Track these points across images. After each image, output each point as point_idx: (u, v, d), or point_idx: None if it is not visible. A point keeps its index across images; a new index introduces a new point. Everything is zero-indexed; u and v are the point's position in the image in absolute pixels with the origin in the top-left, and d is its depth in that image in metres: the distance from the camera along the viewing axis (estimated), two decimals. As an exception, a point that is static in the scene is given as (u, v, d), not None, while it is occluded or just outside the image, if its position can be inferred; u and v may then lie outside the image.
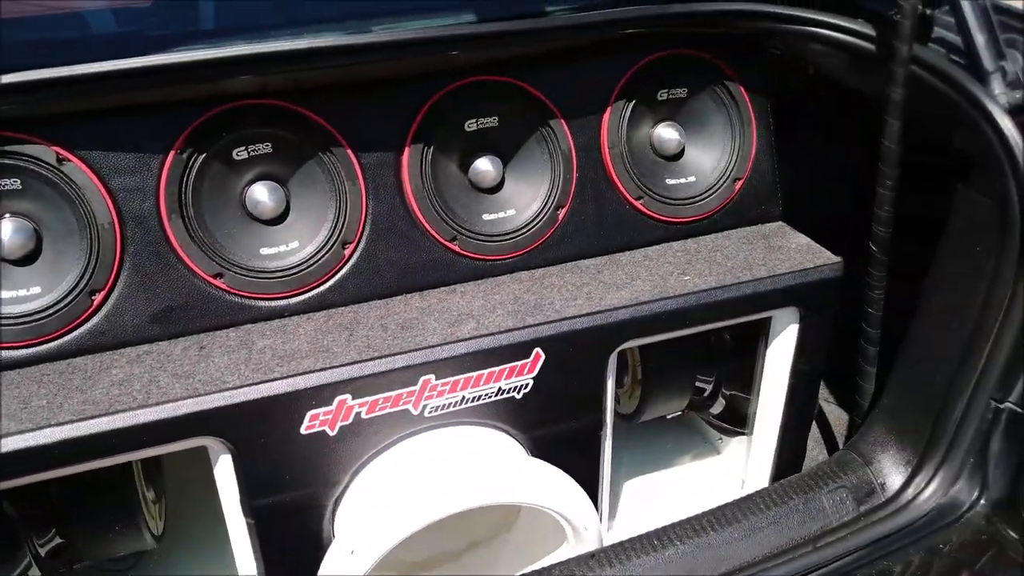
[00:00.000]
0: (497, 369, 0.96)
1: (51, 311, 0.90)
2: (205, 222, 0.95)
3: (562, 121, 1.06)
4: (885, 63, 0.94)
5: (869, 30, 0.99)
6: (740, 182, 1.16)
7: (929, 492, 0.93)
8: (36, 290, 0.90)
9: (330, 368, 0.89)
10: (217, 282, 0.96)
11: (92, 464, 0.85)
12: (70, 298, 0.90)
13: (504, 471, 0.92)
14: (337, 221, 0.99)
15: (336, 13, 0.95)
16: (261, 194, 0.96)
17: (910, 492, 0.94)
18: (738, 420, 1.29)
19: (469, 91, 1.02)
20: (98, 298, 0.92)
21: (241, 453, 0.89)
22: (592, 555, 0.89)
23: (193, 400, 0.85)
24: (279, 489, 0.93)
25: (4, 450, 0.79)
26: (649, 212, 1.12)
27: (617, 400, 1.31)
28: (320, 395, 0.89)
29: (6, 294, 0.89)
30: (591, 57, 1.06)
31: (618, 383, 1.29)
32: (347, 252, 1.00)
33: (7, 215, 0.89)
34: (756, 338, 1.17)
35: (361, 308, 1.01)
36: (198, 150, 0.93)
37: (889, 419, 1.02)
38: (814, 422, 1.33)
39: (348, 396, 0.90)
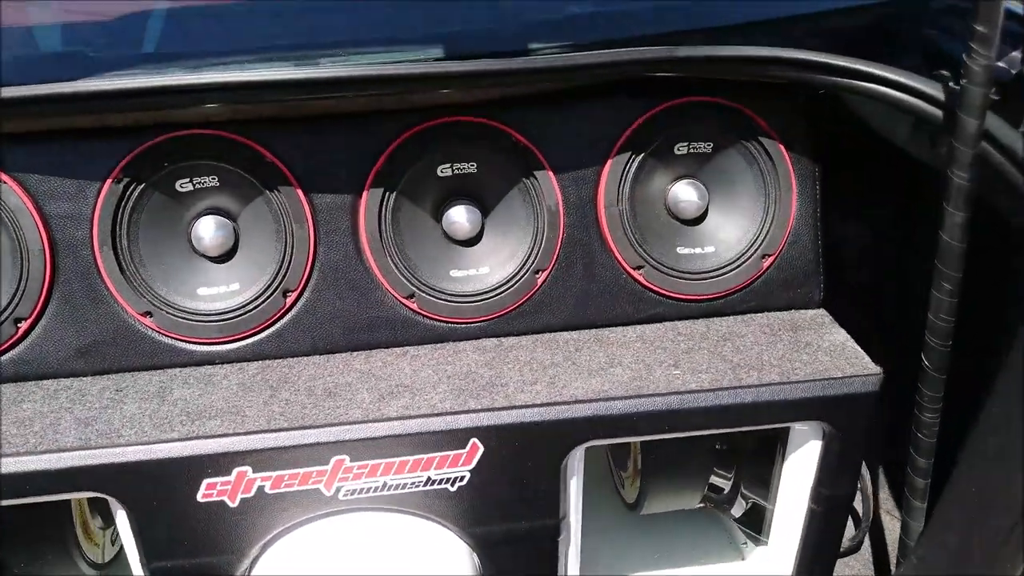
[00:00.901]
0: (425, 457, 0.83)
1: (-28, 337, 0.87)
2: (140, 256, 0.88)
3: (549, 172, 0.91)
4: (950, 137, 0.73)
5: (937, 92, 0.77)
6: (770, 259, 0.96)
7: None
8: (-38, 315, 0.87)
9: (230, 436, 0.80)
10: (146, 320, 0.89)
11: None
12: None
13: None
14: (281, 266, 0.90)
15: (293, 42, 0.85)
16: (207, 229, 0.89)
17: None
18: (757, 526, 1.10)
19: (443, 132, 0.90)
20: (24, 326, 0.87)
21: (136, 511, 0.82)
22: None
23: (82, 453, 0.79)
24: (177, 555, 0.85)
25: None
26: (649, 284, 0.95)
27: (621, 486, 1.15)
28: (217, 464, 0.80)
29: (-64, 313, 0.87)
30: (591, 100, 0.91)
31: (621, 467, 1.13)
32: (288, 301, 0.91)
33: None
34: (775, 442, 0.97)
35: (298, 363, 0.91)
36: (137, 179, 0.86)
37: (937, 559, 0.80)
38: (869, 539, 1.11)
39: (248, 468, 0.81)
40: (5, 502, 0.80)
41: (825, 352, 0.90)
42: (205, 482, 0.81)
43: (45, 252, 0.86)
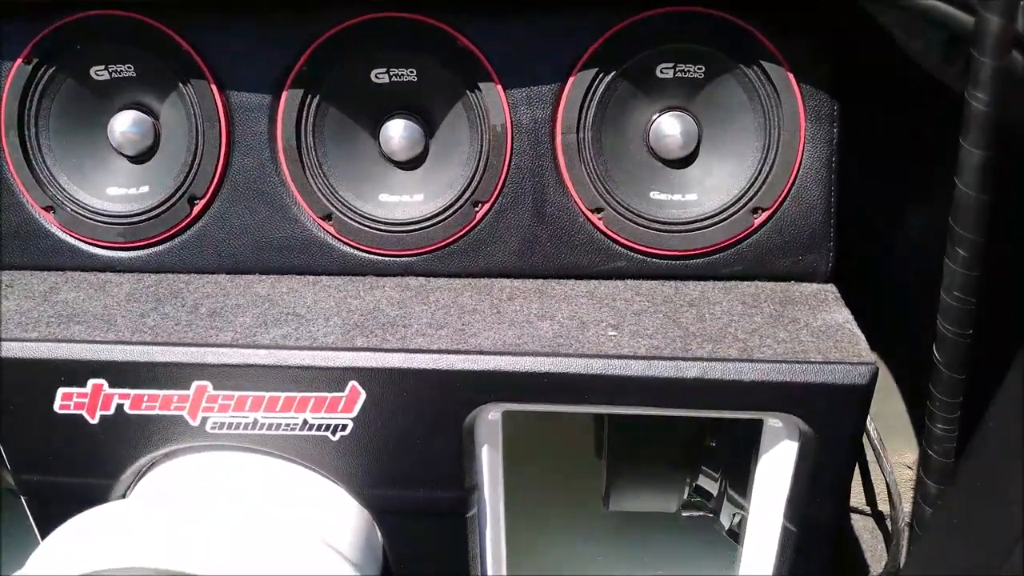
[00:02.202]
0: (300, 396, 0.71)
1: None
2: (49, 145, 0.82)
3: (497, 85, 0.77)
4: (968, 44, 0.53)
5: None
6: (765, 214, 0.78)
7: None
8: None
9: (84, 343, 0.72)
10: (48, 215, 0.82)
11: None
12: None
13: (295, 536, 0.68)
14: (190, 170, 0.81)
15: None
16: (123, 123, 0.81)
17: None
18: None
19: (377, 29, 0.77)
20: None
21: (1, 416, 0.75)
22: None
23: None
24: (46, 470, 0.78)
25: None
26: (610, 231, 0.79)
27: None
28: (71, 371, 0.72)
29: None
30: (556, 3, 0.76)
31: (599, 454, 0.97)
32: (195, 209, 0.82)
33: None
34: (752, 441, 0.79)
35: (197, 279, 0.82)
36: (48, 61, 0.80)
37: None
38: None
39: (104, 383, 0.72)
40: None
41: (811, 332, 0.71)
42: (61, 391, 0.73)
43: None
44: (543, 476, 1.10)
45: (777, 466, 0.74)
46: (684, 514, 0.97)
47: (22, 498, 0.81)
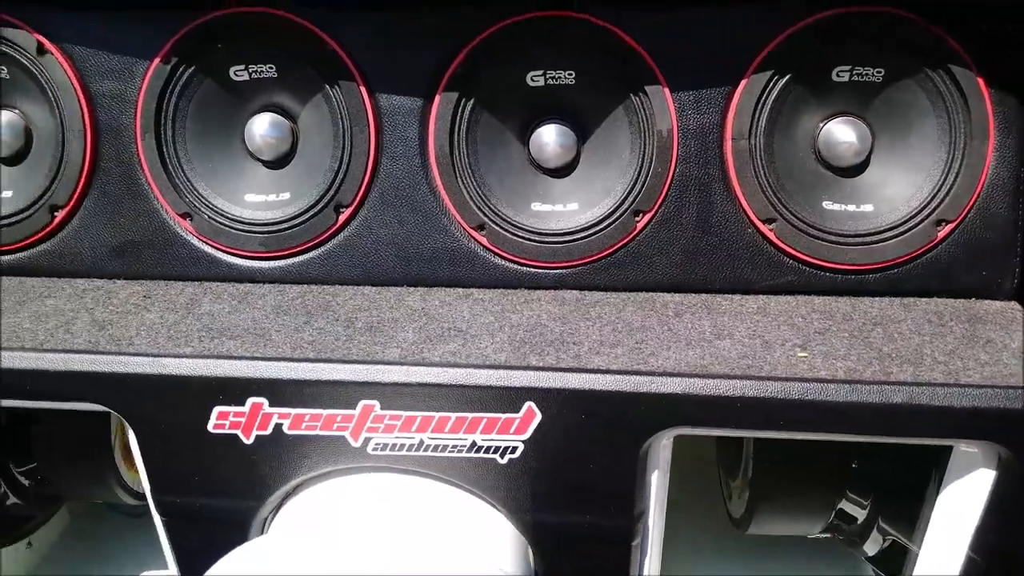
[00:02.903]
0: (471, 417, 0.68)
1: (17, 219, 0.80)
2: (185, 149, 0.78)
3: (664, 88, 0.73)
4: None
5: None
6: (949, 227, 0.74)
7: None
8: (9, 193, 0.81)
9: (246, 359, 0.68)
10: (185, 223, 0.79)
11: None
12: (31, 211, 0.79)
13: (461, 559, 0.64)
14: (336, 177, 0.77)
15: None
16: (261, 126, 0.78)
17: None
18: (897, 568, 0.87)
19: (535, 30, 0.74)
20: (60, 215, 0.79)
21: (144, 434, 0.72)
22: None
23: (87, 357, 0.69)
24: (188, 491, 0.74)
25: None
26: (783, 244, 0.75)
27: (729, 497, 0.96)
28: (229, 389, 0.68)
29: (-20, 193, 0.81)
30: (727, 2, 0.72)
31: (731, 474, 0.94)
32: (341, 218, 0.78)
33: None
34: (930, 466, 0.75)
35: (344, 291, 0.78)
36: (187, 62, 0.76)
37: None
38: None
39: (264, 401, 0.69)
40: (37, 405, 0.72)
41: (1012, 354, 0.67)
42: (217, 409, 0.69)
43: (87, 134, 0.78)
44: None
45: (967, 494, 0.71)
46: (817, 535, 0.93)
47: (158, 519, 0.77)
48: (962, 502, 0.71)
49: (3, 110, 0.80)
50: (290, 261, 0.79)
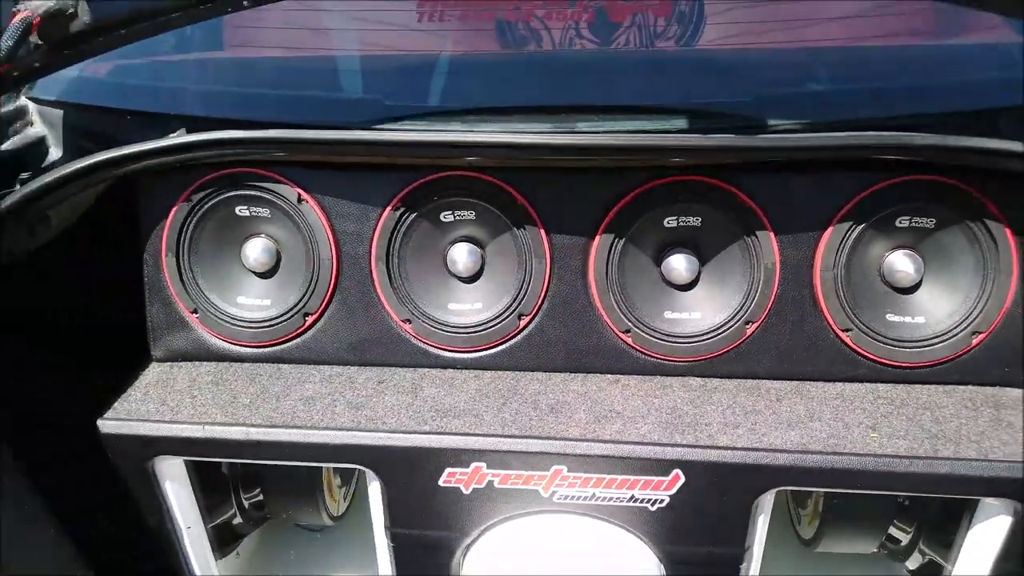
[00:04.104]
0: (632, 479, 0.95)
1: (275, 322, 1.07)
2: (406, 272, 1.05)
3: (771, 233, 0.99)
4: None
5: None
6: (981, 336, 0.99)
7: None
8: (266, 302, 1.08)
9: (472, 435, 0.95)
10: (406, 327, 1.06)
11: (266, 461, 1.01)
12: (290, 315, 1.07)
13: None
14: (519, 293, 1.04)
15: (551, 107, 0.98)
16: (460, 254, 1.04)
17: None
18: (935, 583, 1.13)
19: (674, 188, 0.99)
20: (309, 320, 1.07)
21: (389, 486, 0.99)
22: None
23: (355, 433, 0.97)
24: (415, 524, 1.02)
25: (205, 436, 0.97)
26: (856, 347, 1.01)
27: (797, 522, 1.22)
28: (459, 457, 0.96)
29: (245, 300, 1.08)
30: (820, 170, 0.97)
31: (800, 504, 1.20)
32: (522, 323, 1.05)
33: (259, 236, 1.07)
34: (964, 507, 1.01)
35: (524, 377, 1.05)
36: (410, 209, 1.03)
37: None
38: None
39: (483, 464, 0.96)
40: (272, 463, 0.99)
41: (1027, 435, 0.93)
42: (447, 470, 0.97)
43: (333, 262, 1.05)
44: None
45: (989, 533, 0.96)
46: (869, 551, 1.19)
47: (387, 546, 1.05)
48: (986, 538, 0.97)
49: (261, 238, 1.07)
50: (483, 354, 1.06)
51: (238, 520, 1.22)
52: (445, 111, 1.01)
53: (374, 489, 1.02)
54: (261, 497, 1.21)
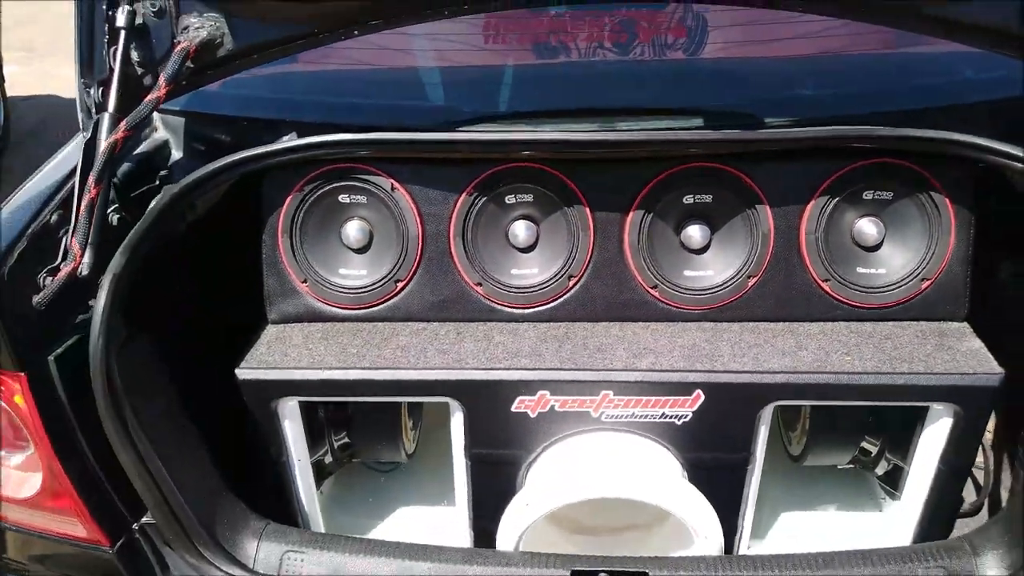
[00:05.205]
0: (663, 399, 1.22)
1: (370, 288, 1.33)
2: (477, 244, 1.31)
3: (767, 207, 1.27)
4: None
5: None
6: (928, 282, 1.28)
7: (1022, 596, 1.04)
8: (363, 272, 1.34)
9: (538, 369, 1.22)
10: (478, 289, 1.33)
11: (374, 399, 1.27)
12: (383, 282, 1.33)
13: (651, 479, 1.19)
14: (569, 259, 1.31)
15: (596, 109, 1.25)
16: (520, 229, 1.31)
17: (1004, 590, 1.06)
18: (896, 484, 1.42)
19: (692, 173, 1.27)
20: (400, 285, 1.33)
21: (470, 413, 1.26)
22: (701, 559, 1.14)
23: (446, 371, 1.23)
24: (490, 445, 1.29)
25: (325, 378, 1.23)
26: (833, 293, 1.29)
27: (788, 442, 1.50)
28: (528, 387, 1.23)
29: (345, 271, 1.34)
30: (804, 157, 1.25)
31: (790, 427, 1.48)
32: (571, 283, 1.32)
33: (356, 218, 1.33)
34: (918, 418, 1.29)
35: (572, 327, 1.32)
36: (481, 194, 1.29)
37: (1008, 522, 1.12)
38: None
39: (547, 392, 1.23)
40: (363, 400, 1.24)
41: (963, 354, 1.21)
42: (519, 398, 1.24)
43: (419, 238, 1.31)
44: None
45: (936, 434, 1.25)
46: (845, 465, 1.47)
47: (467, 464, 1.31)
48: (934, 438, 1.26)
49: (357, 220, 1.33)
50: (540, 309, 1.33)
51: (329, 459, 1.47)
52: (510, 114, 1.27)
53: (457, 419, 1.28)
54: (347, 440, 1.47)
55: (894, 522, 1.44)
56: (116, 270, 1.05)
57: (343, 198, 1.31)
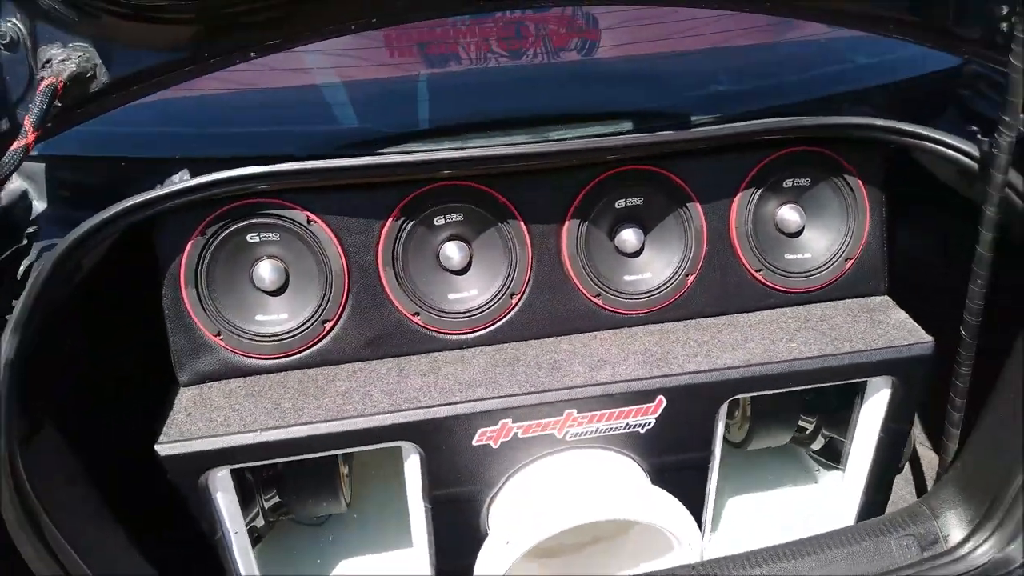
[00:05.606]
0: (626, 408, 1.19)
1: (294, 332, 1.20)
2: (409, 272, 1.22)
3: (698, 204, 1.27)
4: (982, 182, 1.09)
5: (972, 150, 1.13)
6: (851, 261, 1.33)
7: (986, 548, 1.10)
8: (283, 316, 1.21)
9: (499, 397, 1.15)
10: (415, 319, 1.23)
11: (319, 454, 1.15)
12: (308, 325, 1.20)
13: (631, 493, 1.16)
14: (508, 277, 1.24)
15: (522, 118, 1.19)
16: (452, 251, 1.23)
17: (969, 546, 1.11)
18: (834, 457, 1.48)
19: (622, 177, 1.24)
20: (328, 326, 1.21)
21: (428, 455, 1.17)
22: (691, 567, 1.12)
23: (398, 414, 1.13)
24: (451, 484, 1.20)
25: (263, 440, 1.10)
26: (766, 282, 1.31)
27: (728, 430, 1.51)
28: (489, 417, 1.16)
29: (263, 317, 1.20)
30: (726, 152, 1.26)
31: (729, 415, 1.50)
32: (514, 301, 1.26)
33: (266, 258, 1.19)
34: (854, 392, 1.34)
35: (521, 346, 1.26)
36: (408, 217, 1.20)
37: (961, 480, 1.19)
38: (909, 465, 1.50)
39: (509, 420, 1.16)
40: (291, 459, 1.13)
41: (894, 327, 1.27)
42: (480, 431, 1.16)
43: (344, 272, 1.20)
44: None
45: (875, 405, 1.31)
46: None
47: (425, 508, 1.22)
48: (874, 409, 1.31)
49: (269, 260, 1.19)
50: (483, 332, 1.26)
51: (260, 522, 1.33)
52: (432, 130, 1.19)
53: (412, 462, 1.19)
54: (278, 499, 1.33)
55: (831, 491, 1.49)
56: (9, 355, 0.87)
57: (252, 237, 1.17)
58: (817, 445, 1.50)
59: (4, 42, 0.95)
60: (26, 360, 0.90)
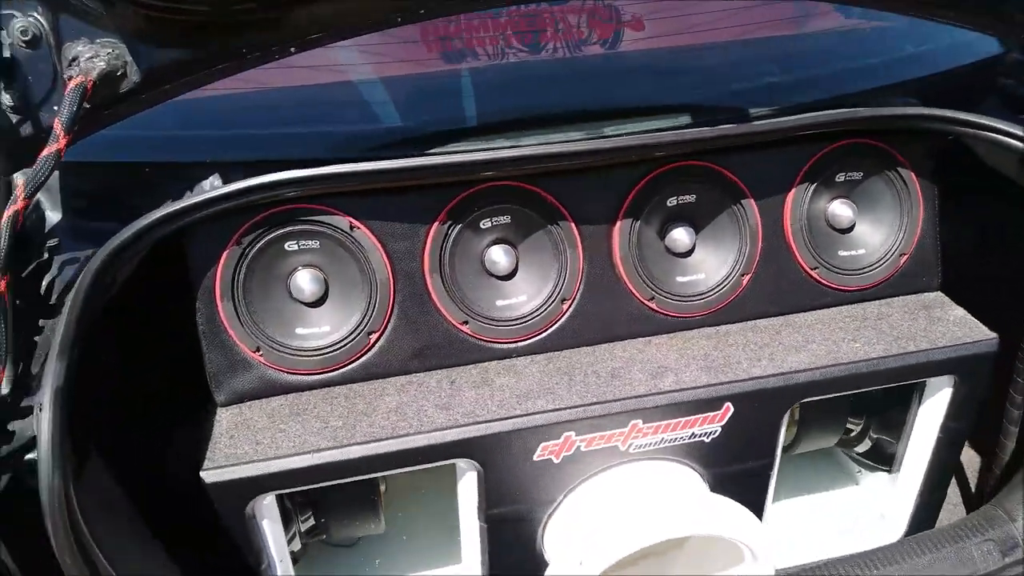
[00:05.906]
0: (692, 417, 1.13)
1: (339, 345, 1.12)
2: (456, 279, 1.15)
3: (752, 200, 1.22)
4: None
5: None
6: (905, 256, 1.29)
7: (1069, 551, 1.07)
8: (325, 328, 1.13)
9: (561, 410, 1.09)
10: (464, 328, 1.16)
11: (373, 475, 1.07)
12: (353, 337, 1.13)
13: (703, 505, 1.10)
14: (559, 281, 1.18)
15: (571, 114, 1.13)
16: (498, 255, 1.16)
17: (1051, 549, 1.08)
18: (882, 459, 1.44)
19: (673, 174, 1.19)
20: (373, 337, 1.13)
21: (487, 472, 1.10)
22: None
23: (457, 430, 1.06)
24: (508, 502, 1.13)
25: (315, 463, 1.02)
26: (822, 280, 1.27)
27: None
28: (552, 431, 1.09)
29: (303, 330, 1.12)
30: (781, 146, 1.21)
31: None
32: (565, 307, 1.19)
33: (303, 267, 1.11)
34: (906, 392, 1.30)
35: (574, 354, 1.20)
36: (455, 222, 1.13)
37: None
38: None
39: (572, 433, 1.10)
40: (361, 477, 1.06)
41: (954, 324, 1.24)
42: (541, 445, 1.09)
43: (390, 280, 1.12)
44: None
45: (935, 405, 1.27)
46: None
47: (480, 527, 1.15)
48: (934, 410, 1.28)
49: (308, 269, 1.12)
50: (534, 340, 1.19)
51: (296, 546, 1.25)
52: (479, 128, 1.12)
53: (468, 480, 1.12)
54: (313, 521, 1.25)
55: (878, 493, 1.46)
56: (58, 383, 0.78)
57: (290, 245, 1.10)
58: (863, 447, 1.46)
59: (26, 38, 0.88)
60: (73, 385, 0.81)
